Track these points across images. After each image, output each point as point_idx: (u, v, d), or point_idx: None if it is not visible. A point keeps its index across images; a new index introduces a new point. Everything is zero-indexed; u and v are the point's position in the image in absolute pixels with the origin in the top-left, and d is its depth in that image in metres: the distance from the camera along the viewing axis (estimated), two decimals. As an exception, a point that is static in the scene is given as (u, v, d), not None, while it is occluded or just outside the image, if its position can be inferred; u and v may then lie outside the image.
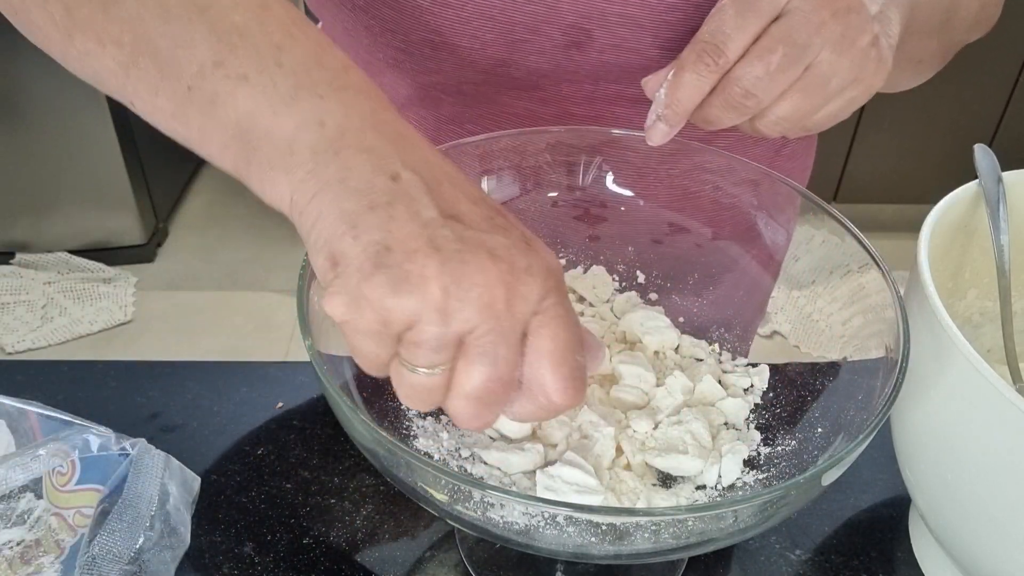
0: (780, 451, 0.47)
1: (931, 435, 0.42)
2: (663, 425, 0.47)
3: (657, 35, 0.53)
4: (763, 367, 0.52)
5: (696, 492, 0.45)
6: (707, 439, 0.46)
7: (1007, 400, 0.36)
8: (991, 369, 0.37)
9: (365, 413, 0.44)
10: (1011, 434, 0.37)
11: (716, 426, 0.48)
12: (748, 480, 0.45)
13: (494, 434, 0.47)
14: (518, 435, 0.47)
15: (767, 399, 0.50)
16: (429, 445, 0.47)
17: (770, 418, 0.49)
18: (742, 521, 0.36)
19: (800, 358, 0.51)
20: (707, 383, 0.50)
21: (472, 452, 0.46)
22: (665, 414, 0.48)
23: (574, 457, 0.44)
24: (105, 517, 0.44)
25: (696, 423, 0.47)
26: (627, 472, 0.45)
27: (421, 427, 0.48)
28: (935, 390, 0.41)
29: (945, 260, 0.51)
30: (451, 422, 0.49)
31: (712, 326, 0.55)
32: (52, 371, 0.61)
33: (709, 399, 0.50)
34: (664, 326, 0.53)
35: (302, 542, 0.50)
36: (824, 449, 0.44)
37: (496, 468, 0.45)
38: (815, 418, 0.47)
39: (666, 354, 0.53)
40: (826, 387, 0.48)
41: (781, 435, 0.47)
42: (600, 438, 0.46)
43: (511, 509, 0.36)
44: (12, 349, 1.89)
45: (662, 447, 0.46)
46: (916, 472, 0.45)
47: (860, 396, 0.43)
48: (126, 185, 2.06)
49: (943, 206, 0.48)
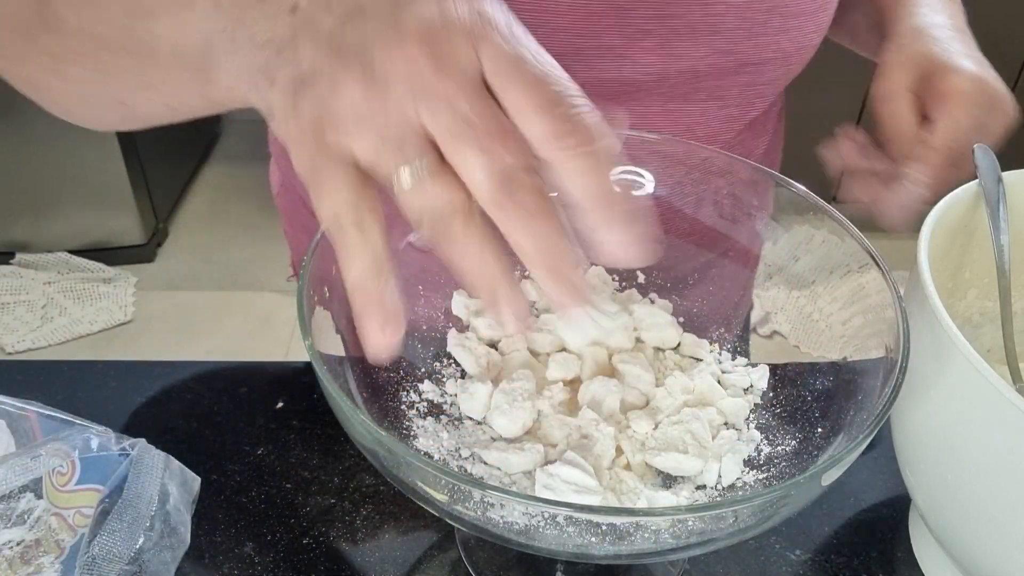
0: (780, 451, 0.47)
1: (931, 435, 0.42)
2: (663, 425, 0.47)
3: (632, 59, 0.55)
4: (763, 367, 0.52)
5: (696, 492, 0.45)
6: (707, 439, 0.46)
7: (1007, 400, 0.36)
8: (991, 369, 0.37)
9: (365, 413, 0.44)
10: (1011, 434, 0.37)
11: (716, 426, 0.48)
12: (748, 480, 0.45)
13: (494, 434, 0.47)
14: (518, 435, 0.47)
15: (767, 399, 0.50)
16: (429, 445, 0.46)
17: (770, 418, 0.49)
18: (742, 521, 0.36)
19: (800, 358, 0.51)
20: (707, 383, 0.50)
21: (472, 452, 0.46)
22: (665, 414, 0.48)
23: (574, 457, 0.44)
24: (105, 517, 0.44)
25: (696, 423, 0.47)
26: (627, 472, 0.45)
27: (421, 427, 0.48)
28: (935, 390, 0.41)
29: (945, 260, 0.51)
30: (451, 422, 0.49)
31: (712, 326, 0.55)
32: (52, 371, 0.61)
33: (709, 399, 0.50)
34: (665, 323, 0.53)
35: (302, 542, 0.50)
36: (824, 449, 0.44)
37: (496, 468, 0.45)
38: (815, 418, 0.47)
39: (666, 353, 0.53)
40: (826, 387, 0.48)
41: (781, 435, 0.47)
42: (600, 438, 0.45)
43: (511, 509, 0.36)
44: (12, 349, 1.89)
45: (662, 447, 0.46)
46: (916, 472, 0.45)
47: (860, 396, 0.43)
48: (126, 185, 2.06)
49: (943, 206, 0.48)
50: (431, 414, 0.49)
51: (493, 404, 0.48)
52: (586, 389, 0.49)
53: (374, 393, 0.47)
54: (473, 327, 0.54)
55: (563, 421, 0.47)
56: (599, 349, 0.52)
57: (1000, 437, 0.37)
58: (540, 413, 0.48)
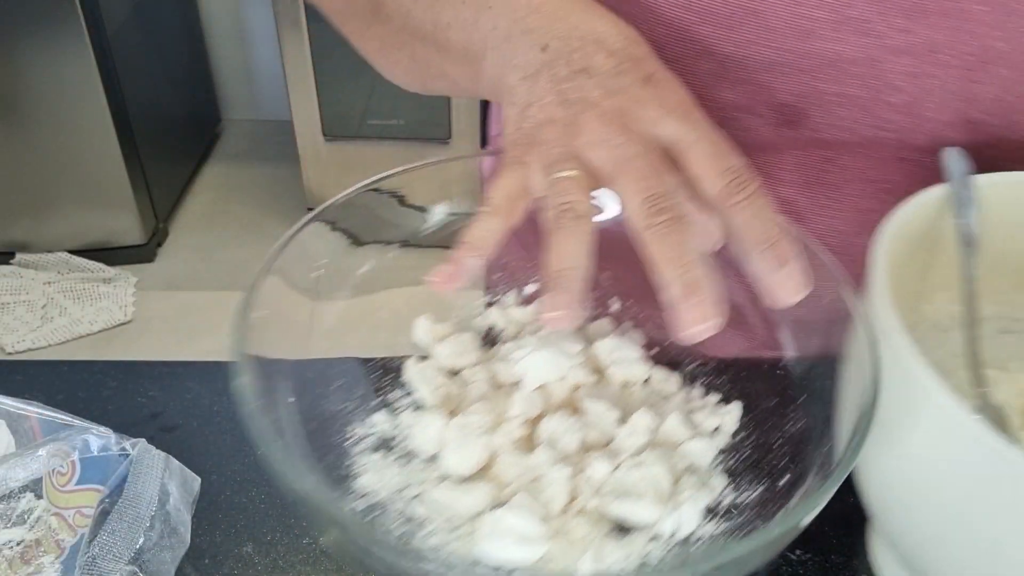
0: (744, 500, 0.45)
1: (901, 477, 0.41)
2: (623, 467, 0.45)
3: (876, 115, 0.52)
4: (734, 406, 0.49)
5: (650, 544, 0.43)
6: (667, 485, 0.44)
7: (987, 445, 0.34)
8: (949, 392, 0.35)
9: (297, 450, 0.42)
10: (984, 473, 0.35)
11: (679, 470, 0.46)
12: (708, 530, 0.43)
13: (442, 473, 0.45)
14: (470, 473, 0.45)
15: (736, 440, 0.48)
16: (373, 482, 0.45)
17: (737, 462, 0.47)
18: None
19: (774, 397, 0.49)
20: (673, 422, 0.48)
21: (420, 491, 0.44)
22: (626, 455, 0.46)
23: (521, 500, 0.42)
24: (105, 517, 0.44)
25: (657, 467, 0.44)
26: (580, 518, 0.43)
27: (366, 464, 0.46)
28: (902, 431, 0.39)
29: (911, 263, 0.49)
30: (402, 457, 0.46)
31: (686, 359, 0.53)
32: (52, 371, 0.61)
33: (674, 440, 0.47)
34: (633, 358, 0.51)
35: (302, 542, 0.50)
36: (788, 498, 0.42)
37: (444, 508, 0.43)
38: (783, 465, 0.45)
39: (634, 388, 0.51)
40: (797, 430, 0.46)
41: (747, 481, 0.46)
42: (553, 480, 0.44)
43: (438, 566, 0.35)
44: (12, 349, 1.89)
45: (619, 492, 0.44)
46: (887, 517, 0.44)
47: (829, 447, 0.41)
48: (126, 185, 2.06)
49: (908, 210, 0.46)
50: (381, 448, 0.47)
51: (446, 439, 0.46)
52: (545, 425, 0.47)
53: (321, 426, 0.46)
54: (435, 355, 0.52)
55: (517, 460, 0.45)
56: (563, 383, 0.50)
57: (972, 474, 0.36)
58: (495, 450, 0.46)
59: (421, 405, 0.49)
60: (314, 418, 0.45)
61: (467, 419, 0.47)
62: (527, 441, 0.47)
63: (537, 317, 0.55)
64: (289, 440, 0.42)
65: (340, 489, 0.44)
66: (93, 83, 1.91)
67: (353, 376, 0.51)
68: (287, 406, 0.44)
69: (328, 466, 0.45)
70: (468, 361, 0.52)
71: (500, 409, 0.49)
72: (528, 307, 0.57)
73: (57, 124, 1.96)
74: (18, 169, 2.01)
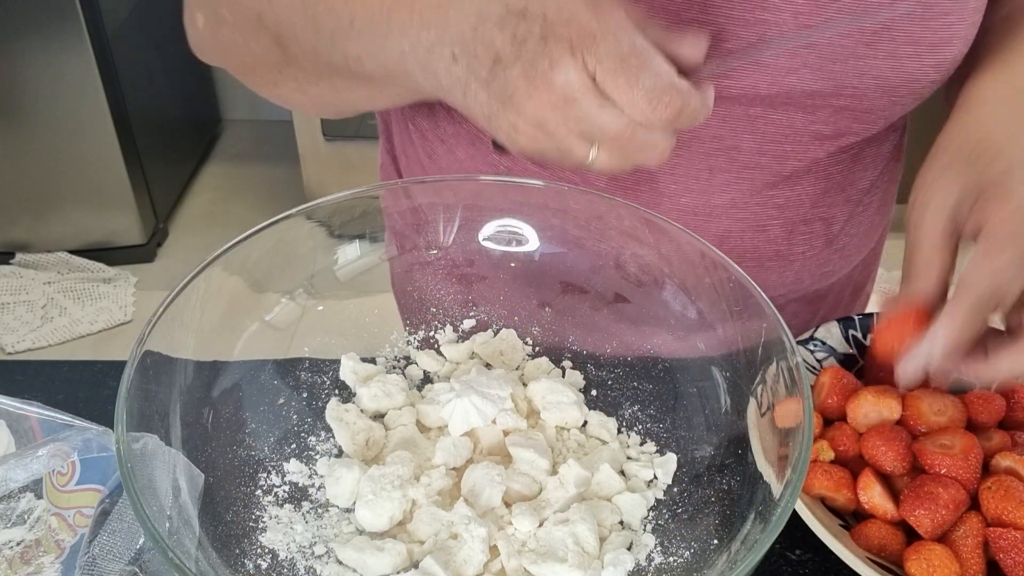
0: (672, 562, 0.43)
1: None
2: (548, 523, 0.43)
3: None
4: (670, 456, 0.48)
5: None
6: (592, 545, 0.43)
7: None
8: None
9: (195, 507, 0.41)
10: None
11: (608, 526, 0.44)
12: None
13: (357, 528, 0.44)
14: (384, 529, 0.43)
15: (670, 494, 0.47)
16: (276, 540, 0.43)
17: (668, 519, 0.45)
18: None
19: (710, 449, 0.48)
20: (605, 473, 0.46)
21: (328, 549, 0.43)
22: (553, 509, 0.44)
23: (431, 566, 0.40)
24: (105, 517, 0.44)
25: (583, 524, 0.43)
26: None
27: (274, 518, 0.44)
28: None
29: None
30: (314, 509, 0.45)
31: (626, 403, 0.52)
32: (52, 371, 0.61)
33: (606, 493, 0.46)
34: (568, 402, 0.49)
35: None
36: (713, 565, 0.40)
37: (351, 570, 0.41)
38: (714, 526, 0.43)
39: (569, 433, 0.50)
40: (731, 487, 0.44)
41: (676, 542, 0.44)
42: (469, 540, 0.42)
43: None
44: (12, 349, 1.89)
45: (542, 551, 0.42)
46: None
47: (761, 508, 0.40)
48: (126, 185, 2.06)
49: None
50: (292, 500, 0.45)
51: (361, 492, 0.44)
52: (469, 475, 0.45)
53: (225, 476, 0.44)
54: (358, 397, 0.50)
55: (435, 515, 0.43)
56: (493, 428, 0.48)
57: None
58: (414, 503, 0.44)
59: (342, 451, 0.47)
60: (219, 468, 0.44)
61: (382, 470, 0.44)
62: (452, 491, 0.45)
63: (471, 355, 0.54)
64: (184, 500, 0.41)
65: (242, 545, 0.42)
66: (93, 83, 1.91)
67: (272, 415, 0.49)
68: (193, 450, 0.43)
69: (232, 519, 0.43)
70: (393, 404, 0.50)
71: (423, 457, 0.47)
72: (463, 344, 0.54)
73: (57, 124, 1.96)
74: (18, 169, 2.01)
